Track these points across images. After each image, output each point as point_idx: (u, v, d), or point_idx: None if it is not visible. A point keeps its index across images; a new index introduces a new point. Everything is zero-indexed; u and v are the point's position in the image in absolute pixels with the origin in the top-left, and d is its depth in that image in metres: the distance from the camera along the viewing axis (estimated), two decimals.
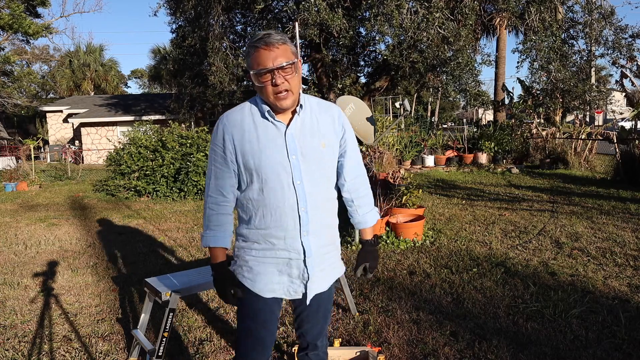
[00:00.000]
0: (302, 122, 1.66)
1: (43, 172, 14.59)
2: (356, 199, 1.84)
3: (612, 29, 12.43)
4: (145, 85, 49.40)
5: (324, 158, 1.68)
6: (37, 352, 3.01)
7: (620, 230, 5.41)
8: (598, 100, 13.89)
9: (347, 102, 5.09)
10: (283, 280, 1.70)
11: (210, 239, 1.71)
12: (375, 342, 2.96)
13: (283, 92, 1.56)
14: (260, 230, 1.66)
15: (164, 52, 33.24)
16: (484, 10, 14.00)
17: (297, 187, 1.62)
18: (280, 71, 1.54)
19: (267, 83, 1.56)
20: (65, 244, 5.80)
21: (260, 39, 1.54)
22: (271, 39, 1.54)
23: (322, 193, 1.69)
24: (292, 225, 1.63)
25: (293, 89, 1.58)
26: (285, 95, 1.57)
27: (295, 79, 1.58)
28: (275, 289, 1.70)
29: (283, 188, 1.61)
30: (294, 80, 1.58)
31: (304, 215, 1.63)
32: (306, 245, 1.65)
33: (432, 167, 13.15)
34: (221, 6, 12.40)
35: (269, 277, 1.69)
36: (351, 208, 1.85)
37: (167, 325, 2.47)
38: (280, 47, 1.54)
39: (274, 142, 1.62)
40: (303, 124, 1.66)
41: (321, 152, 1.66)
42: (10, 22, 20.04)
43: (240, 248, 1.73)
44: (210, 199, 1.71)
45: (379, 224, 1.78)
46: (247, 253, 1.70)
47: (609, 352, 2.75)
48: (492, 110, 18.51)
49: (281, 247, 1.66)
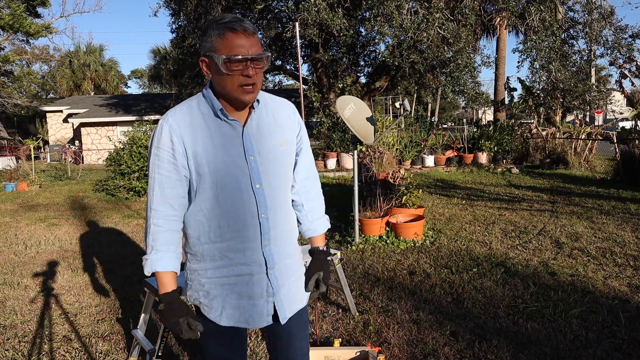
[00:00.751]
0: (258, 120, 1.49)
1: (43, 172, 14.59)
2: (306, 203, 1.63)
3: (612, 29, 12.44)
4: (145, 85, 49.44)
5: (282, 158, 1.51)
6: (37, 352, 3.02)
7: (620, 230, 5.41)
8: (598, 100, 13.89)
9: (347, 102, 5.09)
10: (242, 304, 1.49)
11: (157, 263, 1.42)
12: (375, 342, 2.96)
13: (251, 85, 1.39)
14: (215, 244, 1.46)
15: (164, 52, 33.26)
16: (484, 10, 14.01)
17: (256, 191, 1.45)
18: (254, 63, 1.38)
19: (237, 72, 1.36)
20: (65, 244, 5.81)
21: (237, 22, 1.35)
22: (247, 25, 1.37)
23: (281, 196, 1.53)
24: (253, 234, 1.45)
25: (259, 84, 1.43)
26: (252, 89, 1.40)
27: (261, 74, 1.43)
28: (233, 315, 1.49)
29: (242, 192, 1.44)
30: (260, 75, 1.43)
31: (265, 223, 1.46)
32: (268, 256, 1.48)
33: (432, 167, 13.15)
34: (221, 6, 12.42)
35: (227, 300, 1.48)
36: (300, 213, 1.64)
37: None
38: (254, 37, 1.39)
39: (230, 142, 1.44)
40: (260, 122, 1.49)
41: (280, 152, 1.50)
42: (10, 22, 20.04)
43: (194, 271, 1.52)
44: (155, 214, 1.44)
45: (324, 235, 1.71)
46: (202, 275, 1.50)
47: (609, 352, 2.75)
48: (492, 110, 18.52)
49: (240, 261, 1.46)
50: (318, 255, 1.64)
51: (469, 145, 14.28)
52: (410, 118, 16.07)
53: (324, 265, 1.61)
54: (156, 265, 1.43)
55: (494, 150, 13.32)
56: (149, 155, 1.48)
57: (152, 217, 1.45)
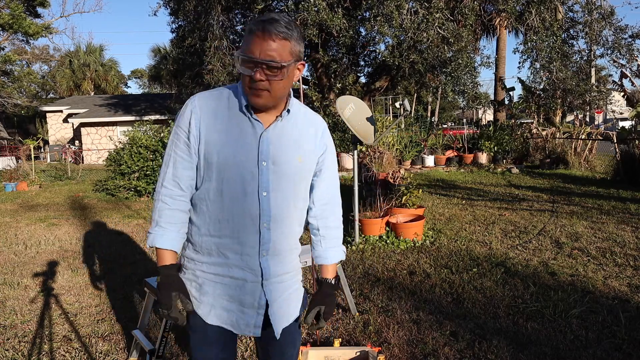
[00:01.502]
0: (282, 128, 1.44)
1: (43, 172, 14.59)
2: (322, 229, 1.57)
3: (612, 29, 12.44)
4: (145, 85, 49.44)
5: (298, 173, 1.45)
6: (37, 352, 3.01)
7: (620, 230, 5.41)
8: (598, 100, 13.89)
9: (347, 102, 5.09)
10: (232, 308, 1.45)
11: (158, 238, 1.44)
12: (375, 342, 2.96)
13: (259, 90, 1.34)
14: (214, 238, 1.43)
15: (164, 52, 33.25)
16: (484, 11, 14.01)
17: (261, 198, 1.40)
18: (265, 68, 1.31)
19: (247, 73, 1.33)
20: (65, 244, 5.80)
21: (263, 22, 1.31)
22: (273, 27, 1.30)
23: (288, 212, 1.45)
24: (252, 240, 1.41)
25: (273, 92, 1.35)
26: (259, 93, 1.35)
27: (281, 83, 1.35)
28: (222, 315, 1.46)
29: (246, 195, 1.39)
30: (278, 84, 1.34)
31: (265, 233, 1.42)
32: (265, 267, 1.43)
33: (432, 167, 13.15)
34: (221, 6, 12.41)
35: (217, 300, 1.46)
36: (315, 237, 1.59)
37: (168, 325, 2.46)
38: (278, 42, 1.31)
39: (245, 140, 1.40)
40: (283, 131, 1.44)
41: (296, 166, 1.44)
42: (10, 22, 20.06)
43: (190, 259, 1.49)
44: (164, 191, 1.45)
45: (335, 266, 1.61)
46: (198, 267, 1.47)
47: (609, 352, 2.75)
48: (492, 110, 18.52)
49: (236, 263, 1.43)
50: (325, 288, 1.55)
51: (469, 145, 14.29)
52: (410, 118, 16.08)
53: (328, 299, 1.52)
54: (156, 241, 1.44)
55: (494, 150, 13.32)
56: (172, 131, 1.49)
57: (160, 193, 1.46)
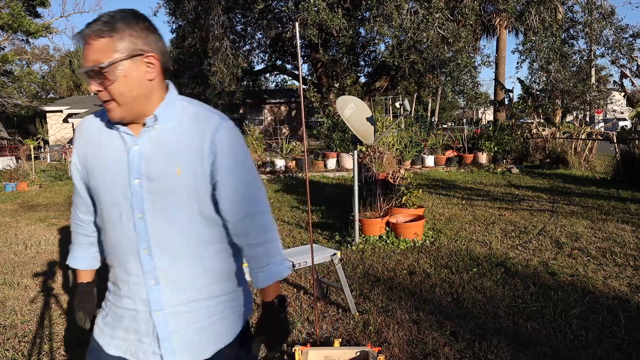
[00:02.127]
0: (157, 138, 1.22)
1: (43, 172, 14.59)
2: (246, 248, 1.31)
3: (612, 28, 12.44)
4: None
5: (178, 188, 1.22)
6: (37, 352, 3.01)
7: (620, 230, 5.41)
8: (598, 100, 13.90)
9: (347, 102, 5.09)
10: (129, 338, 1.30)
11: (71, 260, 1.48)
12: (375, 342, 2.96)
13: (105, 103, 1.18)
14: (111, 268, 1.34)
15: None
16: (484, 10, 14.02)
17: (136, 220, 1.22)
18: (93, 76, 1.13)
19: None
20: (65, 244, 5.80)
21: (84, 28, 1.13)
22: (88, 28, 1.12)
23: (179, 236, 1.24)
24: (135, 268, 1.26)
25: (119, 100, 1.16)
26: (107, 106, 1.17)
27: (119, 88, 1.14)
28: (121, 346, 1.32)
29: (121, 220, 1.24)
30: (116, 89, 1.14)
31: (147, 259, 1.24)
32: (153, 297, 1.25)
33: (432, 167, 13.15)
34: (221, 6, 12.42)
35: (116, 331, 1.33)
36: (245, 259, 1.36)
37: None
38: (95, 42, 1.11)
39: (117, 158, 1.23)
40: (158, 141, 1.22)
41: (174, 181, 1.21)
42: (10, 22, 20.06)
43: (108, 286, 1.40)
44: (72, 216, 1.44)
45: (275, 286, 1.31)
46: (107, 297, 1.39)
47: (609, 352, 2.75)
48: (492, 110, 18.53)
49: (126, 294, 1.29)
50: (264, 312, 1.33)
51: (469, 145, 14.28)
52: (410, 118, 16.07)
53: (271, 325, 1.32)
54: (71, 261, 1.49)
55: (494, 150, 13.32)
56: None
57: (71, 217, 1.47)
